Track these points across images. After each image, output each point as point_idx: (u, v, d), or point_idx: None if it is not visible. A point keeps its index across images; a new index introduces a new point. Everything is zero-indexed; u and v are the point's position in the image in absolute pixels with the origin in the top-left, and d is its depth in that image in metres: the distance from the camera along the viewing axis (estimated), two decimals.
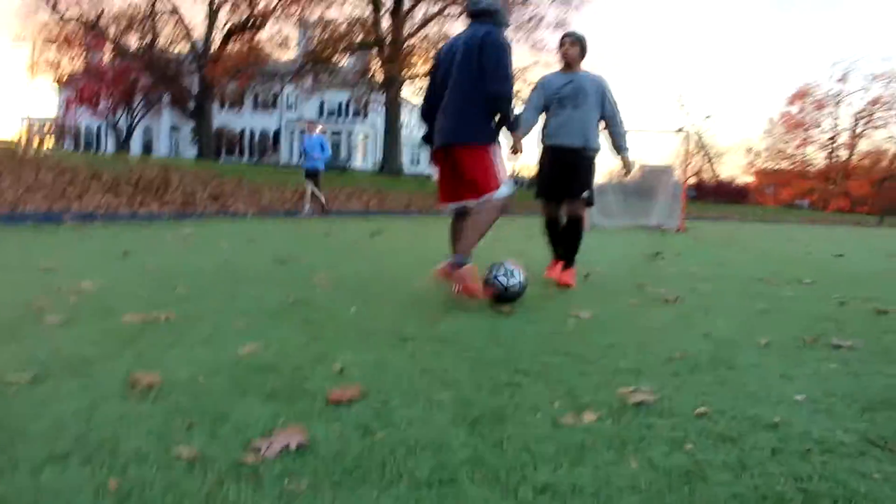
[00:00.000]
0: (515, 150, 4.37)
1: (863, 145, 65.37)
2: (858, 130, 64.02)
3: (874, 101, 62.39)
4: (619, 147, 5.48)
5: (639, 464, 1.76)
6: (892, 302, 4.83)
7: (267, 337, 2.96)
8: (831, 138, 65.40)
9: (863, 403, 2.34)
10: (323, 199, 15.18)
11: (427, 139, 4.39)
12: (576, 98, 5.23)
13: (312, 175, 14.99)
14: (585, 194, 5.28)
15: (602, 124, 5.39)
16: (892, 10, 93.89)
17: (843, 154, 65.43)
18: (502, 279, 3.92)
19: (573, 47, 5.34)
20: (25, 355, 2.50)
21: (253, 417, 1.96)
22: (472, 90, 3.95)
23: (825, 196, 63.49)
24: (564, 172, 5.28)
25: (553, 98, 5.33)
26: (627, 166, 5.69)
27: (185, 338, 2.88)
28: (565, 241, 5.39)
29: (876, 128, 63.91)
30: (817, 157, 67.56)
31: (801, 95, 65.23)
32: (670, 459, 1.79)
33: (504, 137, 4.21)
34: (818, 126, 66.08)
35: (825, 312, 4.28)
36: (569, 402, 2.23)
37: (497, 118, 4.06)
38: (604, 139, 5.47)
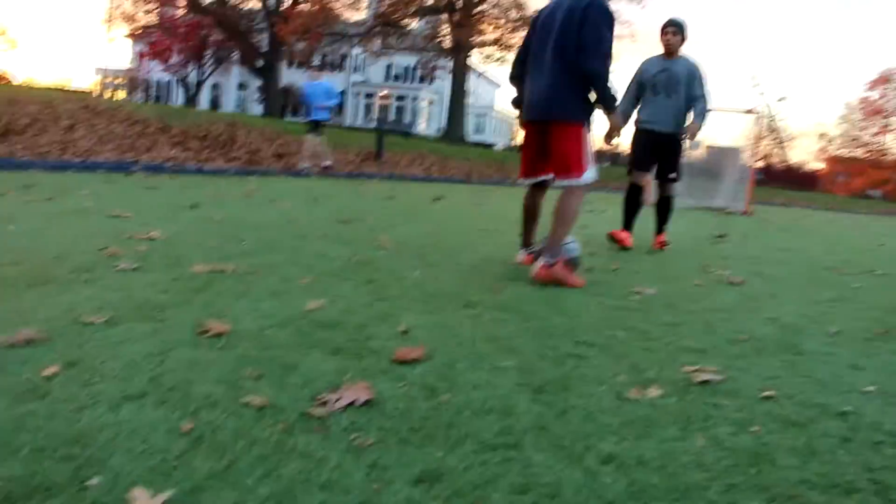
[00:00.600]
0: (611, 135, 4.22)
1: None
2: None
3: None
4: (696, 116, 5.90)
5: (705, 442, 1.74)
6: None
7: (332, 294, 3.00)
8: None
9: None
10: (328, 159, 13.85)
11: (517, 103, 4.28)
12: (668, 86, 5.83)
13: (314, 127, 13.44)
14: (672, 176, 6.14)
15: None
16: None
17: None
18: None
19: (675, 36, 5.85)
20: (100, 298, 2.59)
21: (320, 371, 2.00)
22: (572, 62, 3.76)
23: None
24: (657, 153, 6.01)
25: (648, 83, 5.91)
26: (693, 132, 6.00)
27: (252, 290, 2.93)
28: (659, 214, 6.29)
29: None
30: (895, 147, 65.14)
31: (883, 81, 62.71)
32: (736, 440, 1.77)
33: (599, 118, 4.12)
34: None
35: None
36: (633, 376, 2.22)
37: (594, 96, 3.89)
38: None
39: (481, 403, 1.86)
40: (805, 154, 71.55)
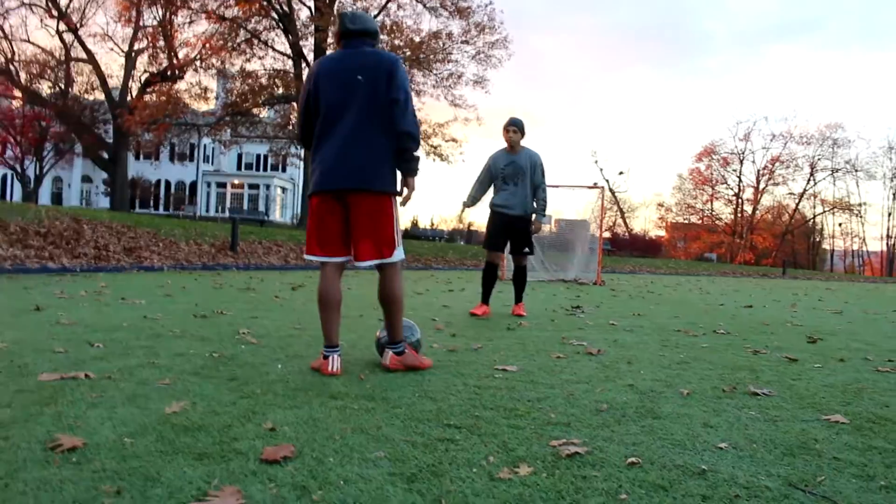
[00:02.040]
0: (407, 200, 3.75)
1: (766, 200, 68.58)
2: (761, 186, 67.13)
3: (774, 160, 65.72)
4: (537, 210, 7.04)
5: None
6: (799, 350, 5.06)
7: (193, 395, 2.89)
8: (736, 194, 68.35)
9: (782, 448, 2.45)
10: None
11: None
12: (514, 177, 6.88)
13: None
14: (526, 250, 7.01)
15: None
16: (788, 75, 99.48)
17: (748, 209, 68.33)
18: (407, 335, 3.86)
19: (516, 134, 6.89)
20: None
21: (185, 479, 1.91)
22: (383, 125, 3.52)
23: (732, 249, 65.98)
24: (510, 233, 6.99)
25: (498, 175, 6.96)
26: (537, 228, 7.08)
27: (107, 397, 2.78)
28: (516, 284, 7.25)
29: (776, 184, 67.22)
30: (724, 212, 70.47)
31: (707, 153, 68.17)
32: None
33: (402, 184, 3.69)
34: (724, 182, 69.05)
35: (740, 361, 4.44)
36: (503, 455, 2.25)
37: (404, 161, 3.62)
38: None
39: (354, 499, 1.83)
40: (647, 223, 75.81)
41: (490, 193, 7.13)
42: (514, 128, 6.87)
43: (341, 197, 3.54)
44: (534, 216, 7.00)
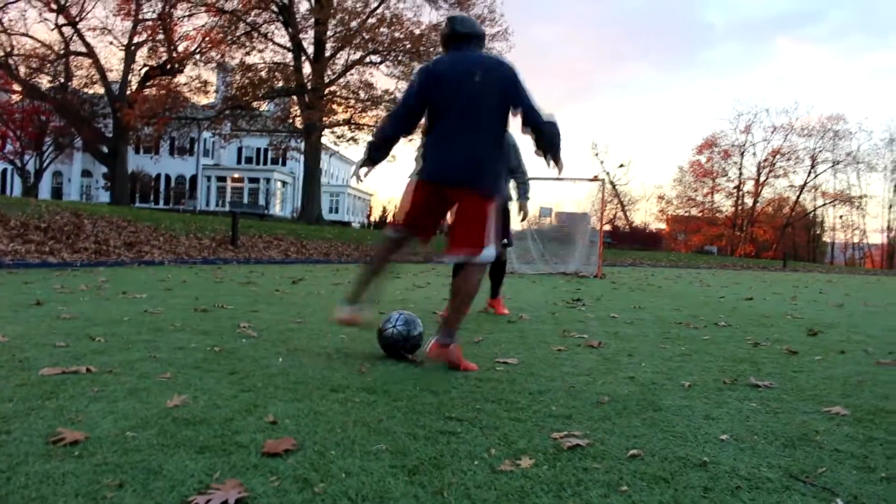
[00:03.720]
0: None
1: (766, 193, 68.54)
2: (762, 179, 67.07)
3: (775, 152, 65.65)
4: (521, 194, 6.57)
5: None
6: (799, 343, 5.06)
7: (194, 388, 2.89)
8: (737, 186, 68.32)
9: (783, 440, 2.45)
10: None
11: (377, 160, 3.91)
12: None
13: None
14: (505, 241, 6.27)
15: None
16: (789, 66, 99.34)
17: (748, 201, 68.31)
18: (402, 328, 3.84)
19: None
20: None
21: (187, 472, 1.91)
22: (495, 128, 3.67)
23: (733, 241, 65.99)
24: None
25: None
26: (525, 213, 6.71)
27: (108, 391, 2.78)
28: (494, 277, 6.50)
29: (777, 177, 67.18)
30: (725, 205, 70.45)
31: (708, 145, 68.11)
32: (608, 502, 1.83)
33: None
34: (725, 174, 69.01)
35: (741, 354, 4.45)
36: (505, 448, 2.25)
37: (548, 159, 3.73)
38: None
39: (356, 491, 1.83)
40: (647, 215, 75.77)
41: None
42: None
43: (446, 191, 3.68)
44: (512, 203, 6.53)
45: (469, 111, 3.59)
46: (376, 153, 3.87)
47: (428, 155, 3.74)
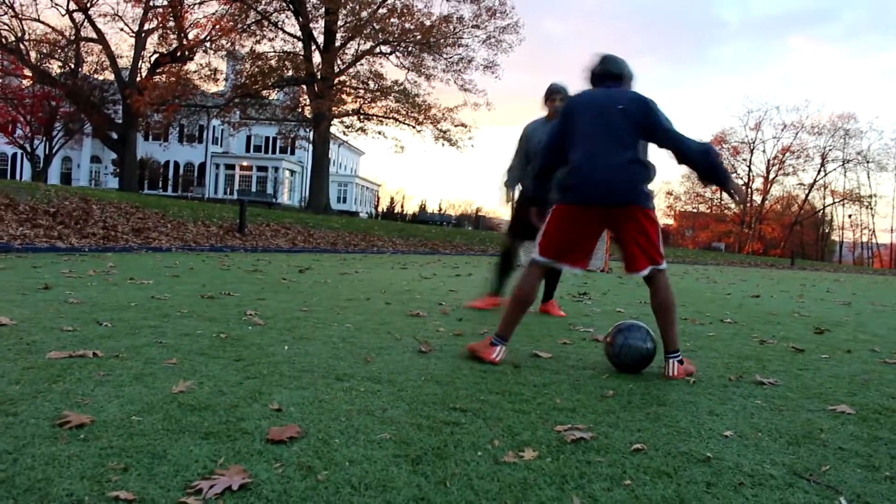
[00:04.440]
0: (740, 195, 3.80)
1: (775, 190, 68.35)
2: (771, 176, 66.86)
3: (784, 150, 65.41)
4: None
5: (581, 500, 1.79)
6: (806, 341, 5.05)
7: (200, 374, 2.90)
8: (746, 183, 68.08)
9: (787, 437, 2.45)
10: None
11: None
12: None
13: None
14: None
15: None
16: (801, 65, 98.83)
17: (757, 199, 68.08)
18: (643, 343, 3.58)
19: (563, 103, 5.47)
20: None
21: (191, 457, 1.92)
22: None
23: (741, 239, 65.87)
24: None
25: (533, 151, 5.67)
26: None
27: (114, 375, 2.79)
28: (548, 280, 6.12)
29: (786, 174, 66.98)
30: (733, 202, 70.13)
31: (718, 141, 67.84)
32: (611, 495, 1.83)
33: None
34: (734, 171, 68.75)
35: (747, 351, 4.44)
36: (508, 439, 2.25)
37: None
38: None
39: (359, 479, 1.84)
40: (655, 211, 75.54)
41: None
42: (560, 95, 5.72)
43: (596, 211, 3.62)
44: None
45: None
46: None
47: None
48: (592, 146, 3.61)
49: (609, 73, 3.75)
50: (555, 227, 3.71)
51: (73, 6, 34.38)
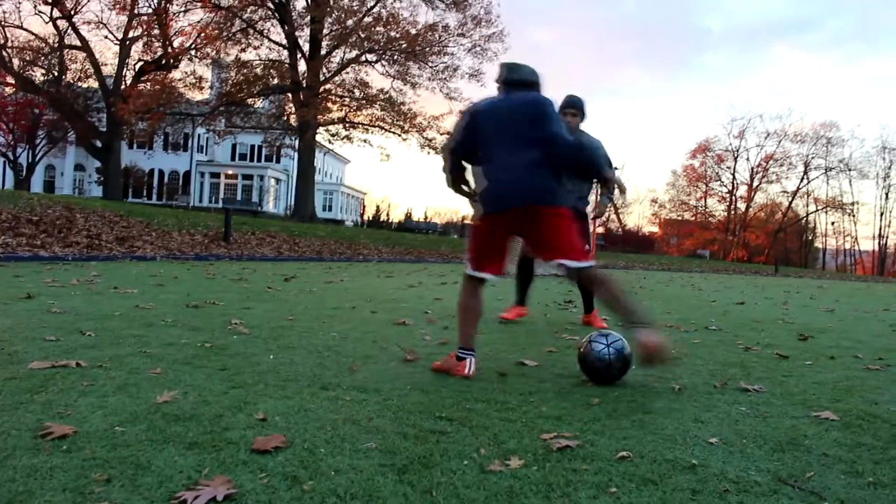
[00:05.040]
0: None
1: (759, 198, 68.81)
2: (755, 184, 67.31)
3: (768, 158, 65.90)
4: (604, 195, 5.93)
5: None
6: (790, 347, 5.08)
7: (184, 384, 2.89)
8: (730, 191, 68.54)
9: (772, 444, 2.46)
10: None
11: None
12: None
13: None
14: (587, 247, 5.58)
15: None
16: (784, 73, 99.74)
17: (741, 206, 68.53)
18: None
19: (575, 118, 5.55)
20: None
21: (175, 468, 1.91)
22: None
23: (725, 246, 66.20)
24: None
25: None
26: (601, 212, 6.16)
27: (98, 385, 2.77)
28: (583, 290, 5.80)
29: (770, 182, 67.47)
30: (718, 209, 70.67)
31: (702, 149, 68.34)
32: (597, 503, 1.83)
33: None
34: (718, 179, 69.26)
35: (732, 358, 4.46)
36: (495, 448, 2.25)
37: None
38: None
39: (345, 489, 1.83)
40: (640, 218, 76.01)
41: None
42: (574, 110, 5.57)
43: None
44: (598, 199, 6.01)
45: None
46: None
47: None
48: (497, 155, 3.64)
49: (513, 80, 3.78)
50: (473, 239, 3.72)
51: (56, 13, 34.21)
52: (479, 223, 3.71)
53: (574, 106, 5.58)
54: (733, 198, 68.51)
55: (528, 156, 3.55)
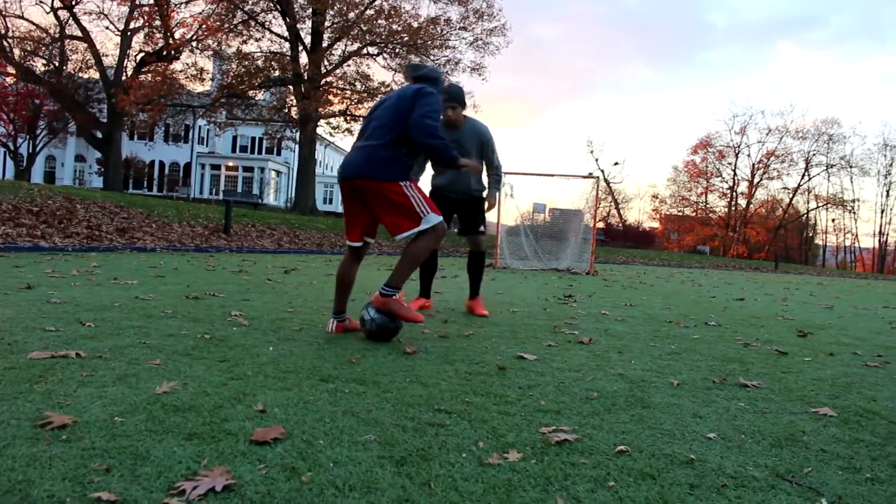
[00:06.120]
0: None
1: (760, 194, 68.71)
2: (756, 180, 67.20)
3: (769, 154, 65.79)
4: (492, 186, 6.10)
5: (565, 502, 1.79)
6: (789, 344, 5.08)
7: (184, 375, 2.89)
8: (731, 187, 68.43)
9: (770, 440, 2.46)
10: None
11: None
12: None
13: None
14: (482, 228, 5.98)
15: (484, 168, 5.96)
16: (787, 70, 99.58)
17: (742, 202, 68.45)
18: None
19: (454, 111, 5.60)
20: None
21: (174, 458, 1.91)
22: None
23: (726, 242, 66.13)
24: (459, 213, 5.98)
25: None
26: (492, 204, 6.14)
27: (97, 376, 2.78)
28: (472, 273, 6.07)
29: (771, 178, 67.34)
30: (718, 205, 70.59)
31: (703, 145, 68.19)
32: (595, 496, 1.84)
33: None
34: (719, 175, 69.14)
35: (731, 353, 4.46)
36: (493, 441, 2.26)
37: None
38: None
39: (344, 481, 1.83)
40: (641, 214, 76.01)
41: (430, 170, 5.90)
42: (454, 103, 5.58)
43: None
44: (485, 193, 6.04)
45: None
46: None
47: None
48: (363, 135, 4.24)
49: (412, 76, 4.34)
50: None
51: (57, 3, 34.14)
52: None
53: (454, 99, 5.58)
54: (734, 194, 68.40)
55: (385, 138, 4.05)
